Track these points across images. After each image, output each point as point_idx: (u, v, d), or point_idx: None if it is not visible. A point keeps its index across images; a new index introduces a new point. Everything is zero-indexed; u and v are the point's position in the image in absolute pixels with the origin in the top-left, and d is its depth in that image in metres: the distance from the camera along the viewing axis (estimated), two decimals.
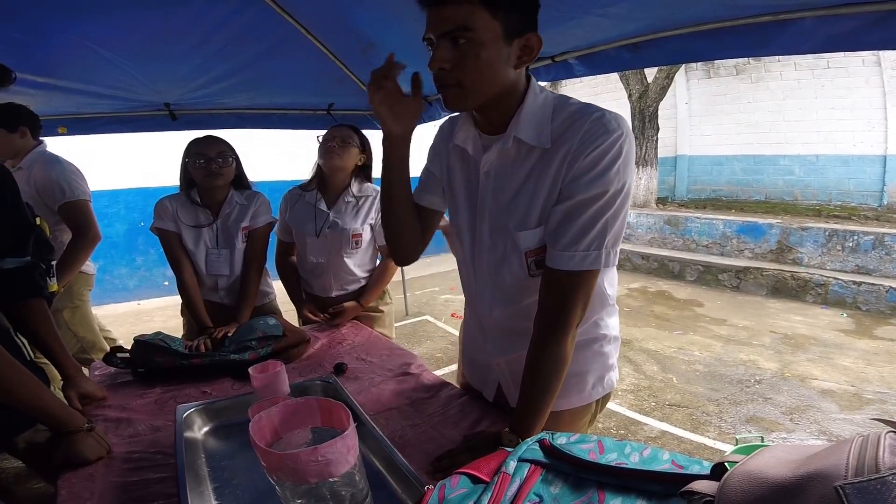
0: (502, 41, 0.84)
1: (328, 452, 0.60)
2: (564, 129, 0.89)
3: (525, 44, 0.87)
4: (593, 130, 0.86)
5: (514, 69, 0.89)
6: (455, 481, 0.71)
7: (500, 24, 0.83)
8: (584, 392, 1.12)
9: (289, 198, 2.10)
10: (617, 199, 0.87)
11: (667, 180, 9.66)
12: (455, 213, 1.11)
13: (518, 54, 0.87)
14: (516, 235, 0.96)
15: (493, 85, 0.88)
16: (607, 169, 0.85)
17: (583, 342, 1.09)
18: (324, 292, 2.10)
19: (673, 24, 1.65)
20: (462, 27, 0.81)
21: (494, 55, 0.84)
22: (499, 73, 0.87)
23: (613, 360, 1.15)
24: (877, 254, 5.75)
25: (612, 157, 0.85)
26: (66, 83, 2.20)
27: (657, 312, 5.53)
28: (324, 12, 2.01)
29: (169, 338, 1.55)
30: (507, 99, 0.92)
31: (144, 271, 6.85)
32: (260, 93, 2.72)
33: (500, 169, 0.98)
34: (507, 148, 0.94)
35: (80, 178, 2.12)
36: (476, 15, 0.81)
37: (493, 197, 1.00)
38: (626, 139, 0.86)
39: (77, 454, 0.99)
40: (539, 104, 0.93)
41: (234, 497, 0.89)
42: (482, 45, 0.83)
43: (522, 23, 0.86)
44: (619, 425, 3.13)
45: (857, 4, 1.25)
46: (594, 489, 0.66)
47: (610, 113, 0.88)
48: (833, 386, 3.57)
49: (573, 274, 0.89)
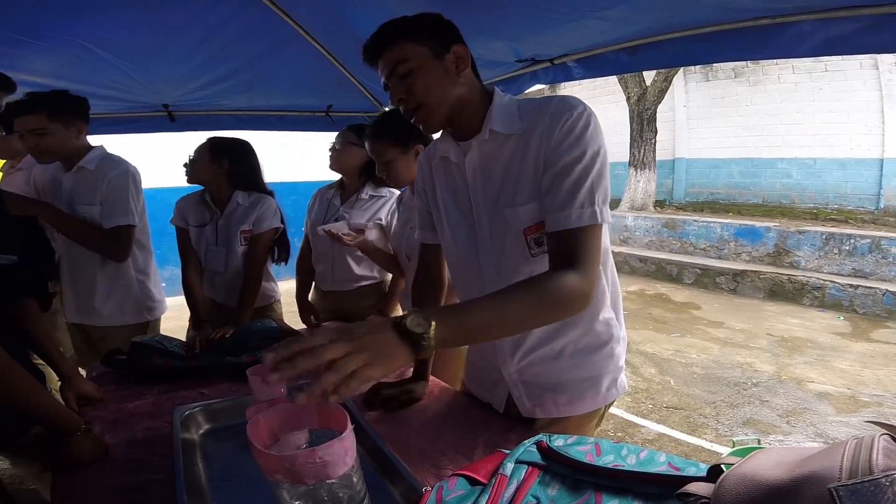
0: (434, 60, 0.98)
1: (325, 454, 0.60)
2: (533, 117, 0.99)
3: (455, 56, 1.00)
4: (559, 107, 0.97)
5: (457, 78, 1.00)
6: (453, 483, 0.71)
7: (427, 48, 0.97)
8: (599, 396, 1.12)
9: (315, 195, 2.25)
10: (597, 160, 0.95)
11: (665, 183, 9.69)
12: (443, 228, 1.17)
13: (454, 65, 1.00)
14: (510, 213, 1.02)
15: (446, 95, 1.00)
16: (582, 133, 0.94)
17: (600, 344, 1.10)
18: (324, 284, 2.16)
19: (671, 28, 1.66)
20: (399, 61, 0.97)
21: (433, 72, 0.98)
22: (445, 85, 1.00)
23: (622, 362, 1.16)
24: (873, 257, 5.77)
25: (584, 124, 0.95)
26: (63, 84, 2.17)
27: (655, 315, 5.55)
28: (323, 14, 2.01)
29: (167, 339, 1.55)
30: (468, 105, 1.03)
31: None
32: (259, 94, 2.71)
33: (483, 163, 1.06)
34: (486, 141, 1.03)
35: None
36: (405, 48, 0.97)
37: (484, 191, 1.06)
38: (588, 110, 0.97)
39: (74, 455, 0.98)
40: (505, 103, 1.04)
41: (231, 498, 0.89)
42: (420, 69, 0.97)
43: (444, 40, 0.99)
44: (616, 427, 3.14)
45: (854, 8, 1.26)
46: (591, 491, 0.66)
47: (567, 95, 1.01)
48: (829, 389, 3.58)
49: (575, 231, 0.92)
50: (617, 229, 8.46)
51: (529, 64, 2.15)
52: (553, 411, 1.11)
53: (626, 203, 8.98)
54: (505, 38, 1.94)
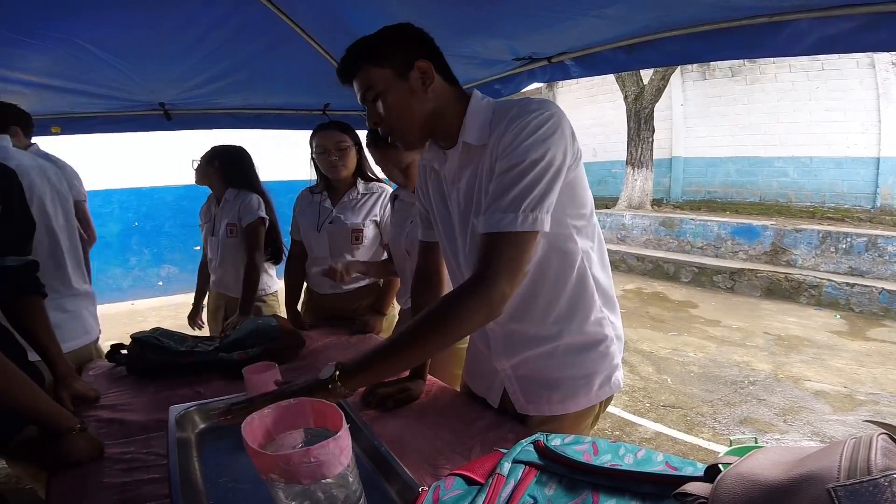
0: (398, 81, 0.98)
1: (320, 454, 0.60)
2: (497, 124, 0.99)
3: (418, 72, 0.99)
4: (516, 114, 0.95)
5: (425, 94, 1.00)
6: (449, 483, 0.70)
7: (389, 69, 0.97)
8: (591, 393, 1.12)
9: (300, 198, 2.17)
10: (535, 167, 0.92)
11: (662, 182, 9.70)
12: (439, 231, 1.20)
13: (419, 82, 0.99)
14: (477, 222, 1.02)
15: (416, 114, 1.00)
16: (524, 140, 0.92)
17: (590, 343, 1.10)
18: (321, 288, 2.11)
19: (668, 26, 1.65)
20: (367, 87, 0.99)
21: (399, 94, 0.99)
22: (416, 103, 1.00)
23: (618, 360, 1.16)
24: (870, 256, 5.79)
25: (531, 130, 0.93)
26: (59, 82, 2.18)
27: (652, 313, 5.55)
28: (320, 13, 2.00)
29: (167, 334, 1.56)
30: (443, 117, 1.03)
31: (139, 271, 6.83)
32: (255, 93, 2.71)
33: (459, 173, 1.07)
34: (460, 153, 1.04)
35: (75, 178, 2.11)
36: (370, 73, 0.98)
37: (458, 199, 1.09)
38: (547, 115, 0.94)
39: (69, 455, 0.98)
40: (481, 109, 1.02)
41: (226, 498, 0.88)
42: (387, 91, 0.98)
43: (406, 58, 0.98)
44: (614, 426, 3.14)
45: (850, 6, 1.26)
46: (588, 491, 0.66)
47: (536, 100, 0.98)
48: (826, 387, 3.59)
49: (493, 235, 0.92)
50: (614, 228, 8.48)
51: (527, 62, 2.15)
52: (546, 409, 1.12)
53: (624, 202, 8.99)
54: (502, 37, 1.93)
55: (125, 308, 6.38)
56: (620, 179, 9.29)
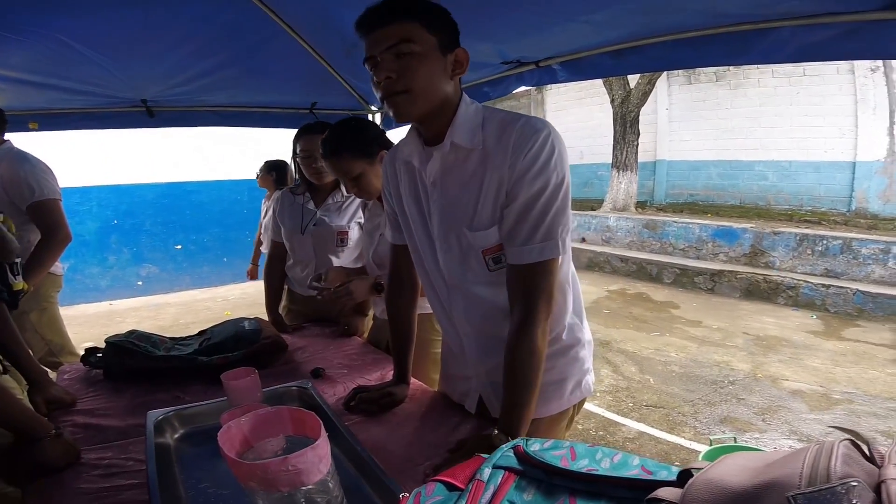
0: (439, 53, 0.95)
1: (299, 462, 0.60)
2: (497, 137, 0.98)
3: (456, 58, 0.98)
4: (524, 134, 0.95)
5: (450, 80, 0.98)
6: (430, 489, 0.70)
7: (436, 39, 0.94)
8: (564, 398, 1.15)
9: (281, 198, 2.12)
10: (560, 192, 0.96)
11: (646, 184, 9.80)
12: (410, 232, 1.17)
13: (452, 66, 0.98)
14: (470, 236, 1.02)
15: (436, 92, 0.97)
16: (545, 165, 0.94)
17: (561, 349, 1.12)
18: (304, 290, 2.08)
19: (654, 32, 1.68)
20: (405, 39, 0.92)
21: (434, 65, 0.95)
22: (440, 82, 0.97)
23: (589, 364, 1.18)
24: (845, 258, 5.92)
25: (547, 154, 0.94)
26: (38, 78, 2.13)
27: (635, 314, 5.62)
28: (309, 12, 1.99)
29: (143, 336, 1.52)
30: (445, 110, 1.00)
31: (117, 270, 6.70)
32: (241, 91, 2.68)
33: (443, 176, 1.05)
34: (447, 154, 1.02)
35: (50, 176, 2.05)
36: (416, 30, 0.92)
37: (442, 203, 1.06)
38: (553, 135, 0.95)
39: (45, 461, 0.96)
40: (471, 113, 1.02)
41: (206, 503, 0.87)
42: (424, 56, 0.93)
43: (452, 39, 0.97)
44: (598, 426, 3.17)
45: (831, 15, 1.29)
46: (566, 495, 0.67)
47: (532, 118, 0.98)
48: (803, 386, 3.67)
49: (535, 266, 0.96)
50: (599, 230, 8.55)
51: (515, 66, 2.16)
52: None
53: (609, 204, 9.07)
54: (491, 40, 1.94)
55: (103, 308, 6.25)
56: (606, 182, 9.37)
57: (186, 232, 7.11)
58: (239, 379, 1.05)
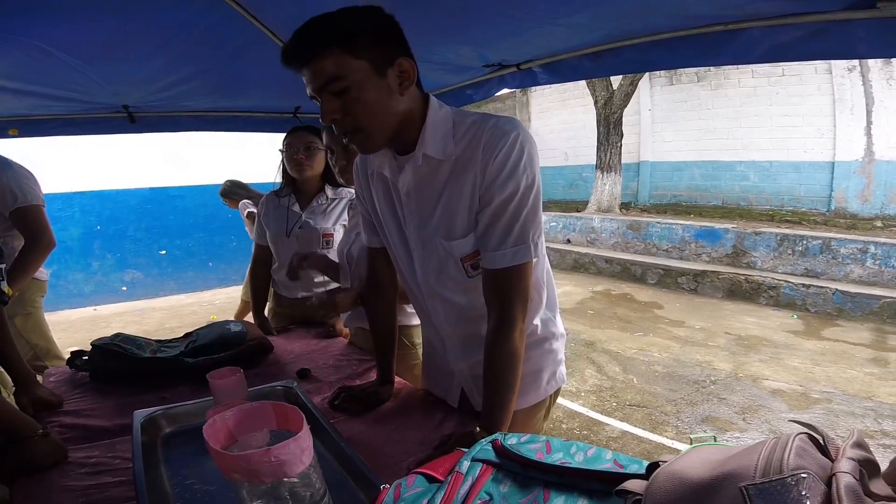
0: (376, 77, 0.86)
1: (281, 453, 0.62)
2: (467, 143, 0.96)
3: (399, 70, 0.89)
4: (493, 137, 0.93)
5: (400, 96, 0.91)
6: (411, 480, 0.73)
7: (367, 62, 0.85)
8: (540, 389, 1.19)
9: (265, 202, 2.13)
10: (530, 194, 0.95)
11: (630, 186, 9.91)
12: (387, 238, 1.18)
13: (397, 81, 0.90)
14: (448, 245, 1.03)
15: (389, 117, 0.91)
16: (514, 168, 0.93)
17: (535, 342, 1.15)
18: (290, 293, 2.09)
19: (629, 34, 1.71)
20: (333, 78, 0.84)
21: (376, 91, 0.87)
22: (388, 106, 0.90)
23: (562, 356, 1.24)
24: (824, 257, 6.05)
25: (516, 157, 0.93)
26: (18, 84, 2.11)
27: (620, 314, 5.68)
28: (290, 16, 1.98)
29: (129, 339, 1.53)
30: (409, 123, 0.95)
31: (101, 276, 6.63)
32: (224, 95, 2.67)
33: (417, 186, 1.02)
34: (419, 166, 0.99)
35: (33, 182, 2.05)
36: (342, 60, 0.83)
37: (417, 213, 1.05)
38: (522, 136, 0.94)
39: (32, 460, 0.97)
40: (440, 119, 0.97)
41: (193, 499, 0.89)
42: (361, 87, 0.85)
43: (387, 53, 0.88)
44: (582, 426, 3.21)
45: (798, 15, 1.33)
46: (540, 488, 0.69)
47: (502, 118, 0.96)
48: (783, 386, 3.74)
49: (509, 269, 0.97)
50: (584, 231, 8.64)
51: (497, 69, 2.19)
52: None
53: (593, 205, 9.16)
54: (472, 44, 1.97)
55: (88, 314, 6.18)
56: (590, 183, 9.47)
57: (171, 237, 7.05)
58: (225, 378, 1.07)
